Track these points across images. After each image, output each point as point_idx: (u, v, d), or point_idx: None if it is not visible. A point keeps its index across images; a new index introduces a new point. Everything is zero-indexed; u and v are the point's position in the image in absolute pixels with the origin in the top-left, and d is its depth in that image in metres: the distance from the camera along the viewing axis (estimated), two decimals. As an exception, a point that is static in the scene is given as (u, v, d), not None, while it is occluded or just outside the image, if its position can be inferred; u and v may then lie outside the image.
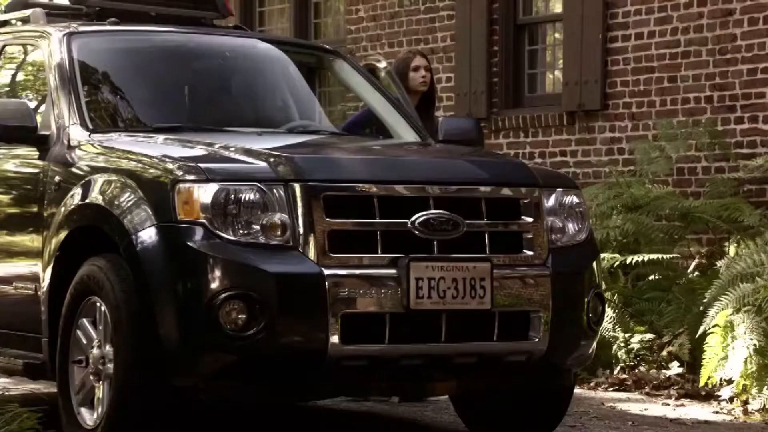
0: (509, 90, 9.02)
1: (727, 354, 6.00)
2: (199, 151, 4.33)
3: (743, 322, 5.96)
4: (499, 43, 9.08)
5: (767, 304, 5.89)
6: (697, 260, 7.77)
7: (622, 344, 6.86)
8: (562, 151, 8.74)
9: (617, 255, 7.09)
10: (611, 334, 6.87)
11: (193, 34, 5.11)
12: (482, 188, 4.33)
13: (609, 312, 6.96)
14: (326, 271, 4.06)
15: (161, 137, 4.52)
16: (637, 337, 6.87)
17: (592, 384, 6.73)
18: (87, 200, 4.31)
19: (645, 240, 7.43)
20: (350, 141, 5.00)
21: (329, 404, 5.65)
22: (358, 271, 4.10)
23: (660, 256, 7.04)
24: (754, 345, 5.85)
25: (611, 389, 6.65)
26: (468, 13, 9.13)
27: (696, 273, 7.54)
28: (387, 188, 4.20)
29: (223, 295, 3.96)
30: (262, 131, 4.75)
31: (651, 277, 7.43)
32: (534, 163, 8.88)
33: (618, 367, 6.86)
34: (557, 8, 8.85)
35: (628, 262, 7.05)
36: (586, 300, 4.49)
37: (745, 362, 5.89)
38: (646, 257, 7.04)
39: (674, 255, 7.18)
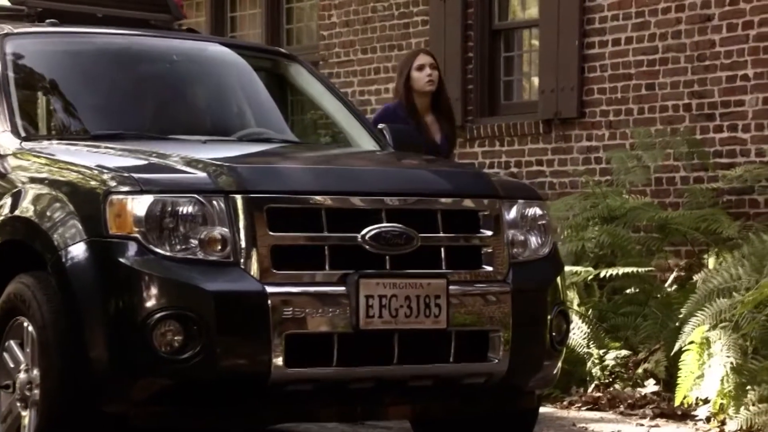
0: (484, 97, 8.78)
1: (703, 372, 5.77)
2: (135, 160, 4.08)
3: (720, 338, 5.73)
4: (474, 49, 8.85)
5: (744, 320, 5.66)
6: (675, 273, 7.54)
7: (597, 361, 6.62)
8: (539, 161, 8.50)
9: (590, 269, 6.84)
10: (585, 350, 6.63)
11: (138, 36, 4.85)
12: (439, 200, 4.08)
13: (583, 327, 6.72)
14: (269, 289, 3.80)
15: (99, 146, 4.26)
16: (612, 354, 6.63)
17: (565, 403, 6.49)
18: (15, 213, 4.05)
19: (621, 252, 7.19)
20: (302, 150, 4.74)
21: (286, 427, 5.41)
22: (303, 289, 3.85)
23: (635, 269, 6.81)
24: (731, 363, 5.62)
25: (585, 408, 6.40)
26: (442, 19, 8.90)
27: (674, 286, 7.32)
28: (336, 200, 3.95)
29: (157, 315, 3.70)
30: (207, 139, 4.49)
31: (627, 291, 7.20)
32: (510, 172, 8.67)
33: (592, 385, 6.61)
34: (533, 13, 8.62)
35: (602, 275, 6.81)
36: (549, 318, 4.24)
37: (722, 381, 5.66)
38: (621, 270, 6.80)
39: (650, 268, 6.94)
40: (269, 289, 3.80)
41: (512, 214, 4.22)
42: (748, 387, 5.59)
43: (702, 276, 6.27)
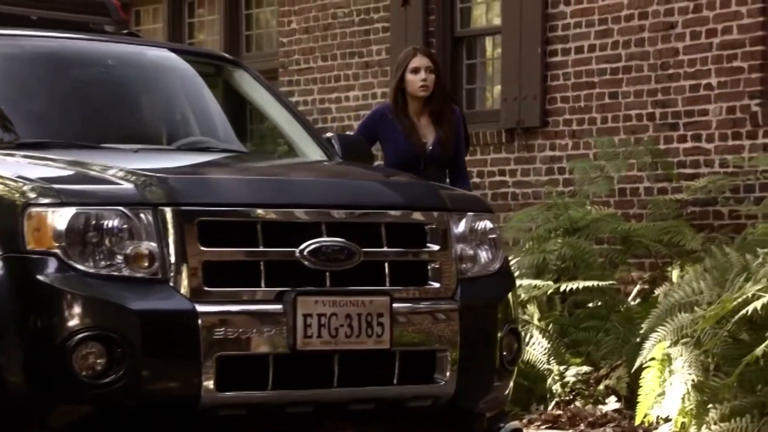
0: (446, 106, 8.59)
1: (664, 390, 5.59)
2: (59, 171, 3.83)
3: (681, 355, 5.55)
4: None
5: (706, 336, 5.49)
6: (638, 286, 7.37)
7: (557, 377, 6.43)
8: (501, 170, 8.32)
9: (550, 282, 6.66)
10: (545, 366, 6.45)
11: (71, 39, 4.59)
12: (383, 212, 3.86)
13: (544, 342, 6.54)
14: (200, 308, 3.58)
15: (23, 155, 4.01)
16: (573, 370, 6.44)
17: (524, 421, 6.29)
18: (-71, 228, 3.80)
19: (583, 265, 7.01)
20: (241, 161, 4.51)
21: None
22: (237, 308, 3.62)
23: (596, 283, 6.63)
24: (693, 380, 5.44)
25: (544, 427, 6.21)
26: (403, 26, 8.71)
27: (637, 300, 7.14)
28: (272, 213, 3.72)
29: (78, 336, 3.47)
30: (140, 148, 4.25)
31: (590, 305, 7.02)
32: (472, 182, 8.49)
33: (552, 403, 6.42)
34: (496, 21, 8.44)
35: (562, 289, 6.63)
36: (499, 336, 4.03)
37: (683, 399, 5.48)
38: (582, 284, 6.61)
39: (611, 282, 6.76)
40: (200, 308, 3.58)
41: (461, 227, 4.01)
42: (710, 405, 5.42)
43: (663, 290, 6.10)
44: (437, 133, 5.69)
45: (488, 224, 4.10)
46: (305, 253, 3.71)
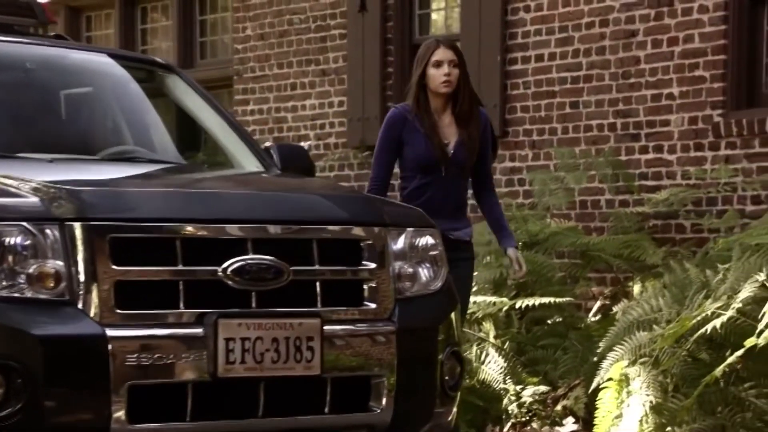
0: (404, 115, 8.35)
1: (622, 411, 5.35)
2: (-40, 183, 3.54)
3: (639, 375, 5.31)
4: (394, 64, 8.43)
5: (665, 355, 5.25)
6: (599, 302, 7.14)
7: (513, 397, 6.18)
8: (460, 182, 8.10)
9: (505, 299, 6.41)
10: (501, 386, 6.20)
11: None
12: (314, 228, 3.59)
13: (500, 361, 6.29)
14: (111, 332, 3.30)
15: None
16: (529, 390, 6.19)
17: (479, 443, 6.05)
18: None
19: (542, 280, 6.77)
20: (167, 172, 4.22)
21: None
22: (152, 332, 3.35)
23: (554, 299, 6.39)
24: (651, 402, 5.20)
25: (499, 448, 5.98)
26: (360, 32, 8.46)
27: (598, 316, 6.91)
28: (193, 228, 3.44)
29: (-27, 365, 3.19)
30: (55, 158, 3.97)
31: (549, 322, 6.79)
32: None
33: (508, 424, 6.17)
34: (455, 27, 8.21)
35: (519, 305, 6.38)
36: (440, 359, 3.79)
37: (641, 421, 5.24)
38: (539, 301, 6.37)
39: (569, 299, 6.53)
40: (110, 333, 3.30)
41: (400, 243, 3.76)
42: (669, 428, 5.19)
43: (622, 307, 5.87)
44: (461, 134, 5.03)
45: (429, 240, 3.85)
46: (228, 272, 3.44)
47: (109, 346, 3.28)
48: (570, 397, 6.09)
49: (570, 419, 6.03)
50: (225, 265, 3.44)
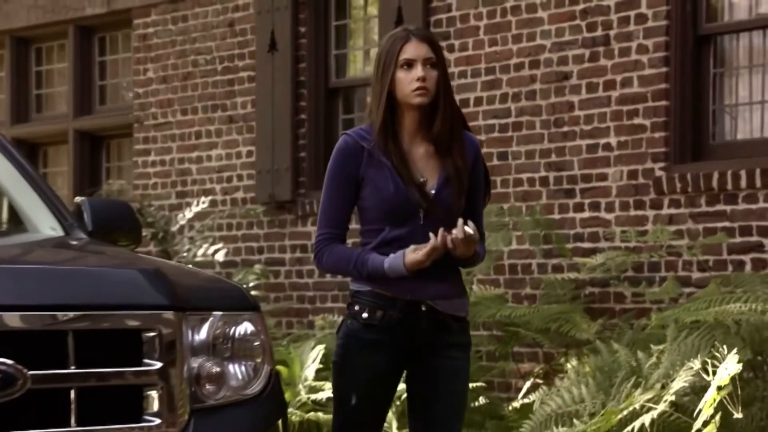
0: (319, 168, 7.46)
1: None
2: None
3: (556, 481, 4.42)
4: (307, 110, 7.56)
5: (586, 457, 4.35)
6: (530, 381, 6.23)
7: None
8: (378, 242, 7.20)
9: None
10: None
11: None
12: (73, 315, 2.70)
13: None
14: None
15: None
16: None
17: None
18: None
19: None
20: None
21: None
22: None
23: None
24: None
25: None
26: (270, 75, 7.60)
27: (529, 398, 6.00)
28: None
29: None
30: None
31: (473, 404, 5.88)
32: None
33: None
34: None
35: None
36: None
37: None
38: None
39: (480, 383, 5.61)
40: None
41: (202, 333, 2.86)
42: None
43: (539, 396, 4.96)
44: (444, 167, 3.52)
45: (248, 328, 2.94)
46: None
47: None
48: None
49: None
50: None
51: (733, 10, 6.13)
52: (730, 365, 4.04)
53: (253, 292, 7.09)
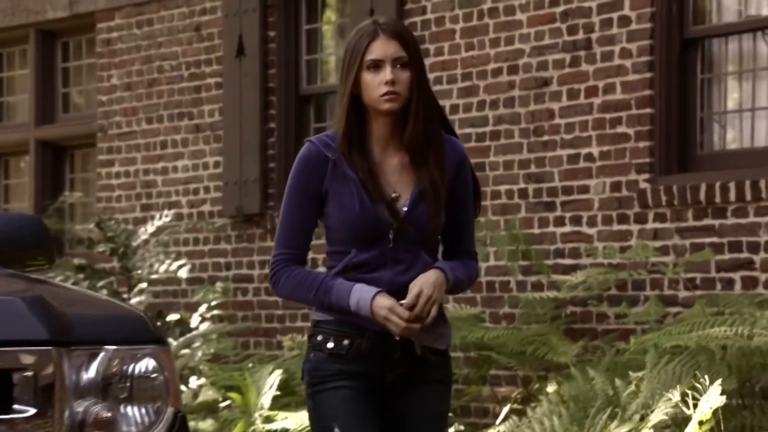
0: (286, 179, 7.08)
1: None
2: None
3: None
4: (276, 118, 7.19)
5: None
6: (508, 407, 5.84)
7: None
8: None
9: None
10: None
11: None
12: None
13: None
14: None
15: None
16: None
17: None
18: None
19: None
20: None
21: None
22: None
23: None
24: None
25: None
26: (238, 81, 7.23)
27: (509, 422, 5.61)
28: None
29: None
30: None
31: None
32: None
33: None
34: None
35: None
36: None
37: None
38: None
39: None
40: None
41: (90, 372, 2.47)
42: None
43: (509, 427, 4.58)
44: (419, 180, 3.11)
45: (149, 364, 2.55)
46: None
47: None
48: None
49: None
50: None
51: (721, 12, 5.76)
52: (713, 397, 3.66)
53: (216, 312, 6.72)
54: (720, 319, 4.26)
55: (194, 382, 6.19)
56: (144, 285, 6.70)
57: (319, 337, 3.03)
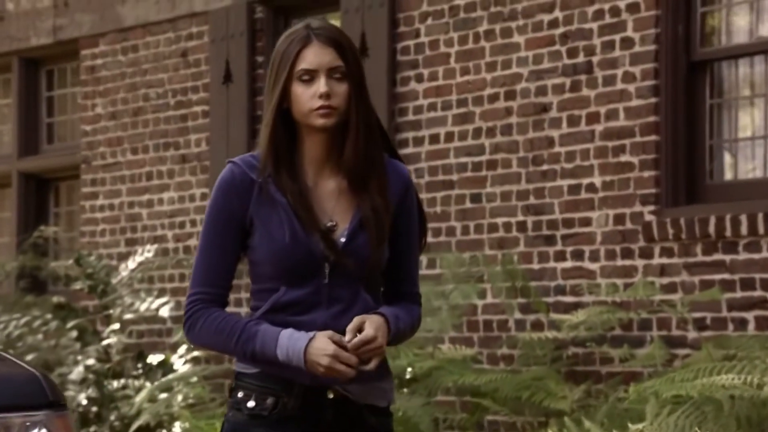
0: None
1: None
2: None
3: None
4: (266, 148, 6.85)
5: None
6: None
7: None
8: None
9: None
10: None
11: None
12: None
13: None
14: None
15: None
16: None
17: None
18: None
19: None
20: None
21: None
22: None
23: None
24: None
25: None
26: (225, 108, 6.91)
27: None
28: None
29: None
30: None
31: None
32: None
33: None
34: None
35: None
36: None
37: None
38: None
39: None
40: None
41: None
42: None
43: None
44: (359, 207, 2.72)
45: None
46: None
47: None
48: None
49: None
50: None
51: (731, 33, 5.39)
52: (718, 456, 3.26)
53: (196, 353, 6.35)
54: (727, 365, 3.86)
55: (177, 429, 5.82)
56: (117, 326, 6.34)
57: (240, 394, 2.60)
